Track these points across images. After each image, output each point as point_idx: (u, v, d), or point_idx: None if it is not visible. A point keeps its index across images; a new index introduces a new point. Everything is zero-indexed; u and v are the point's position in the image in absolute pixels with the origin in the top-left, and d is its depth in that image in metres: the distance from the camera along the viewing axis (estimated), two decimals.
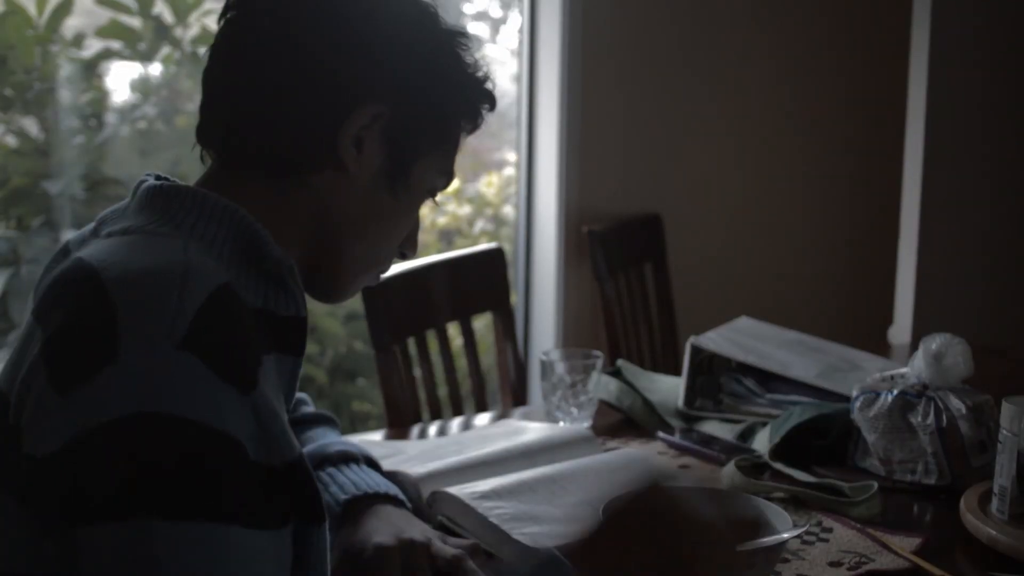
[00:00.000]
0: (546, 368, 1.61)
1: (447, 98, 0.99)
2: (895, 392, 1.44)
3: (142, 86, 2.84)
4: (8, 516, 0.82)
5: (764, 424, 1.58)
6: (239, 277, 0.88)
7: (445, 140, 1.01)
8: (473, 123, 1.03)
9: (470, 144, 1.07)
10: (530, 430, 1.51)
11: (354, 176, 0.95)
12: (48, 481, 0.77)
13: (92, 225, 0.96)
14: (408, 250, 1.06)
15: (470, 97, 1.01)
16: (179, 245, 0.86)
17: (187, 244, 0.86)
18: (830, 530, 1.27)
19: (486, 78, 1.01)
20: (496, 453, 1.39)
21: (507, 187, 3.29)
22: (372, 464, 1.27)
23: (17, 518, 0.81)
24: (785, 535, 1.02)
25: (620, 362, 1.78)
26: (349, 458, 1.25)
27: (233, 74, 0.95)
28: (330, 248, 0.99)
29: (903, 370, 1.48)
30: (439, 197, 1.06)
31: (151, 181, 0.94)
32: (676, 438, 1.58)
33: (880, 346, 2.59)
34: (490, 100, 1.02)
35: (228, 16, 0.96)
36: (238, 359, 0.81)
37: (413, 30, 0.96)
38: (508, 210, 3.30)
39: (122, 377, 0.76)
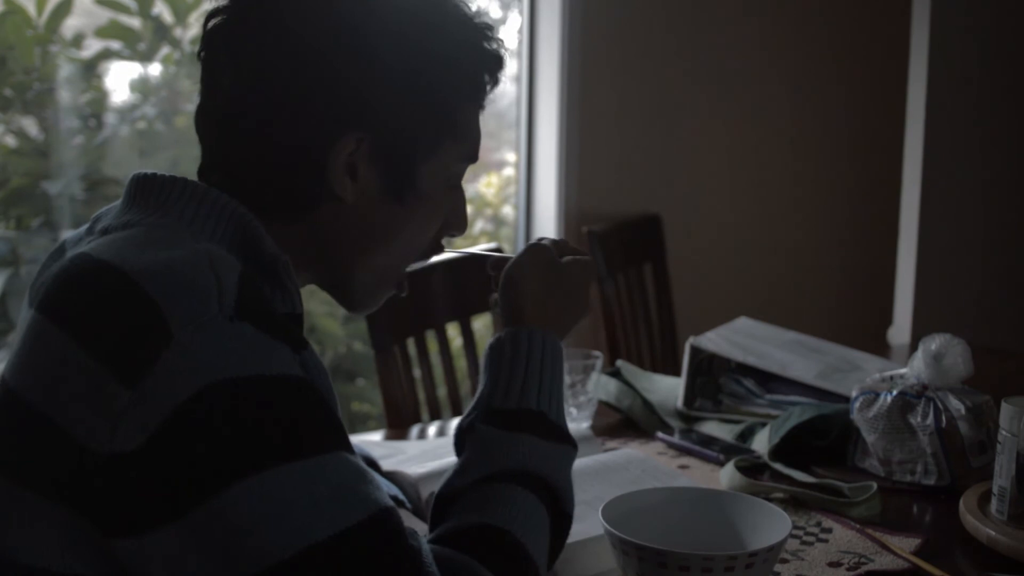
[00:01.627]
0: None
1: (434, 91, 0.93)
2: (895, 392, 1.44)
3: (142, 86, 2.84)
4: (52, 524, 0.80)
5: (763, 425, 1.58)
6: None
7: (447, 131, 0.96)
8: (482, 92, 0.98)
9: None
10: None
11: (354, 203, 0.94)
12: (144, 474, 0.76)
13: (88, 224, 0.96)
14: (456, 231, 1.04)
15: (466, 73, 0.96)
16: (186, 235, 0.86)
17: (192, 234, 0.87)
18: (829, 530, 1.27)
19: (484, 39, 0.96)
20: None
21: (507, 187, 3.29)
22: (371, 464, 1.27)
23: (64, 525, 0.79)
24: (781, 538, 1.02)
25: (619, 362, 1.78)
26: None
27: (212, 120, 0.94)
28: (344, 269, 0.98)
29: (903, 370, 1.48)
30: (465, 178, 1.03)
31: (138, 172, 0.93)
32: (675, 438, 1.58)
33: (880, 346, 2.59)
34: (493, 62, 0.97)
35: (202, 55, 0.94)
36: (284, 324, 0.83)
37: (388, 35, 0.91)
38: (508, 210, 3.30)
39: (181, 357, 0.76)
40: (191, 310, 0.78)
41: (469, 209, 1.07)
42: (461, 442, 1.00)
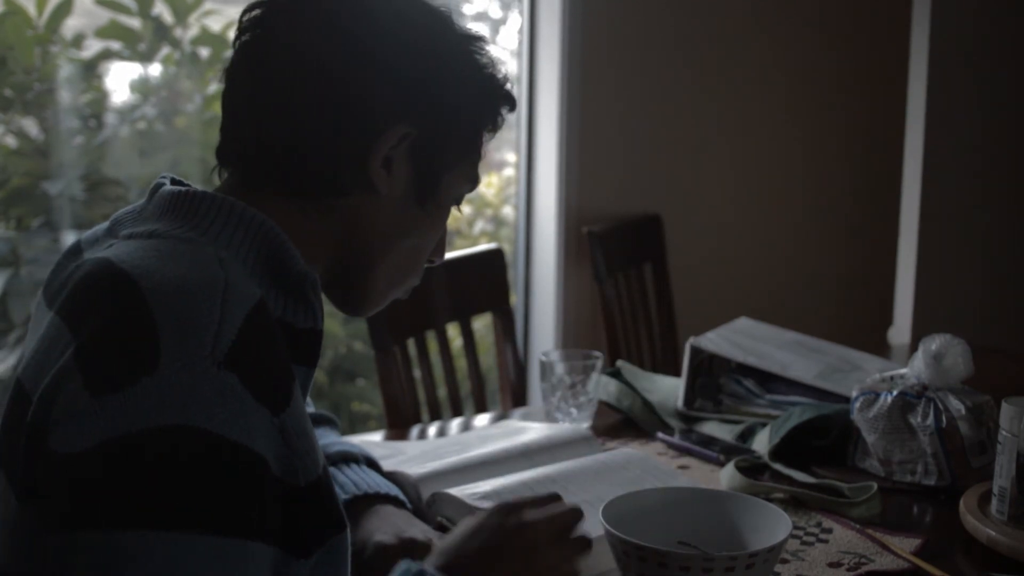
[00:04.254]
0: (546, 368, 1.61)
1: (470, 107, 0.99)
2: (895, 393, 1.44)
3: (142, 86, 2.84)
4: (9, 510, 0.82)
5: (764, 425, 1.58)
6: (262, 287, 0.88)
7: (471, 148, 1.01)
8: (495, 126, 1.02)
9: None
10: (530, 430, 1.51)
11: (384, 196, 0.96)
12: (68, 478, 0.76)
13: (106, 225, 0.95)
14: (436, 257, 1.06)
15: (491, 102, 1.01)
16: (211, 255, 0.86)
17: (218, 253, 0.86)
18: (830, 531, 1.27)
19: (505, 79, 1.01)
20: (496, 453, 1.39)
21: (507, 187, 3.29)
22: (372, 464, 1.27)
23: (16, 513, 0.81)
24: (781, 538, 1.02)
25: (619, 363, 1.78)
26: (349, 458, 1.25)
27: (254, 102, 0.94)
28: (358, 264, 0.99)
29: (903, 371, 1.48)
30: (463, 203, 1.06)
31: (170, 186, 0.93)
32: (676, 439, 1.58)
33: (880, 346, 2.59)
34: (510, 101, 1.02)
35: (244, 39, 0.94)
36: (273, 380, 0.82)
37: (431, 43, 0.95)
38: (508, 211, 3.30)
39: (162, 389, 0.76)
40: (185, 345, 0.77)
41: (469, 210, 1.09)
42: None
